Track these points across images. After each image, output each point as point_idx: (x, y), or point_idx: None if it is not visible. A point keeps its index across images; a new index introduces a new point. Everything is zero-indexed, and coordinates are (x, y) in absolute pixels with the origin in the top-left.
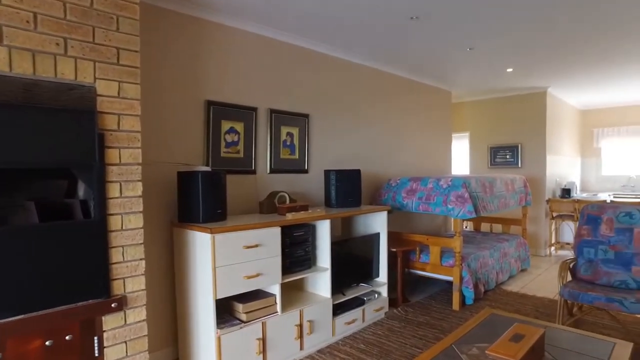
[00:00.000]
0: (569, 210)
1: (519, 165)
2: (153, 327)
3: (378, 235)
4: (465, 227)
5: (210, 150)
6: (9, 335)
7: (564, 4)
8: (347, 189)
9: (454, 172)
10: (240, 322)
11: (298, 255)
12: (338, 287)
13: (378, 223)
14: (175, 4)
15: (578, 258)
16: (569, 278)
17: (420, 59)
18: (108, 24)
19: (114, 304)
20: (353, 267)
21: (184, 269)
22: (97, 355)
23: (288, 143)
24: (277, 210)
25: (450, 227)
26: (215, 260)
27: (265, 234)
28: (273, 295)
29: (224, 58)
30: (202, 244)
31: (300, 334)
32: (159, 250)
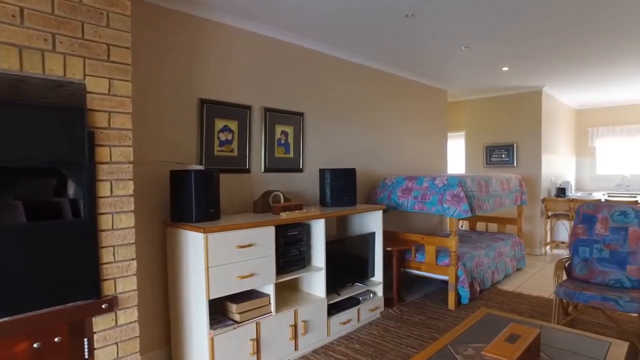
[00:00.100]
0: (564, 210)
1: (515, 165)
2: (145, 328)
3: (373, 235)
4: (461, 226)
5: (204, 149)
6: None
7: (560, 4)
8: (342, 188)
9: (450, 171)
10: (234, 322)
11: (292, 255)
12: (333, 286)
13: (373, 222)
14: (169, 1)
15: (573, 257)
16: (565, 277)
17: (416, 58)
18: (98, 20)
19: (105, 305)
20: (348, 266)
21: (177, 269)
22: (86, 357)
23: (283, 142)
24: (271, 210)
25: (446, 226)
26: (208, 260)
27: (259, 234)
28: (267, 296)
29: (218, 56)
30: (194, 244)
31: (295, 334)
32: (152, 250)
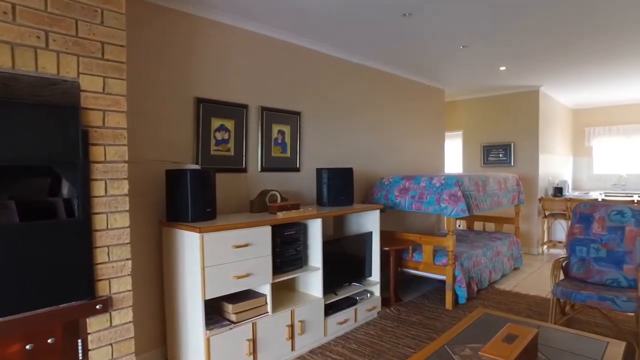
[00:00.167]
0: (561, 209)
1: (512, 164)
2: (141, 328)
3: (370, 234)
4: (458, 225)
5: (200, 148)
6: None
7: (559, 4)
8: (339, 188)
9: (447, 170)
10: (230, 322)
11: (289, 255)
12: (330, 286)
13: (370, 222)
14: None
15: (570, 256)
16: (562, 276)
17: (414, 57)
18: (92, 18)
19: (99, 306)
20: (345, 266)
21: (173, 269)
22: (81, 359)
23: (279, 141)
24: (268, 209)
25: (443, 225)
26: (204, 260)
27: (256, 233)
28: (264, 296)
29: (215, 55)
30: (190, 244)
31: (292, 335)
32: (148, 250)
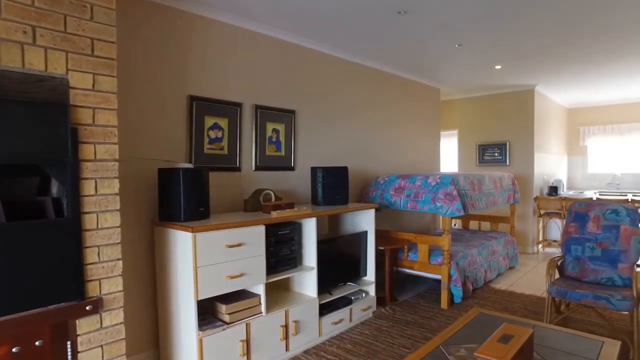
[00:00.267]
0: (556, 208)
1: (507, 163)
2: (133, 329)
3: (366, 234)
4: (454, 225)
5: (193, 147)
6: None
7: (556, 3)
8: (334, 187)
9: (443, 169)
10: (224, 323)
11: (283, 254)
12: (325, 286)
13: (366, 221)
14: None
15: (565, 255)
16: (557, 275)
17: (409, 56)
18: (81, 13)
19: (89, 307)
20: (340, 266)
21: (165, 269)
22: None
23: (274, 140)
24: (262, 208)
25: (439, 225)
26: (197, 260)
27: (249, 233)
28: (257, 296)
29: (208, 52)
30: (183, 243)
31: (286, 335)
32: (140, 250)
